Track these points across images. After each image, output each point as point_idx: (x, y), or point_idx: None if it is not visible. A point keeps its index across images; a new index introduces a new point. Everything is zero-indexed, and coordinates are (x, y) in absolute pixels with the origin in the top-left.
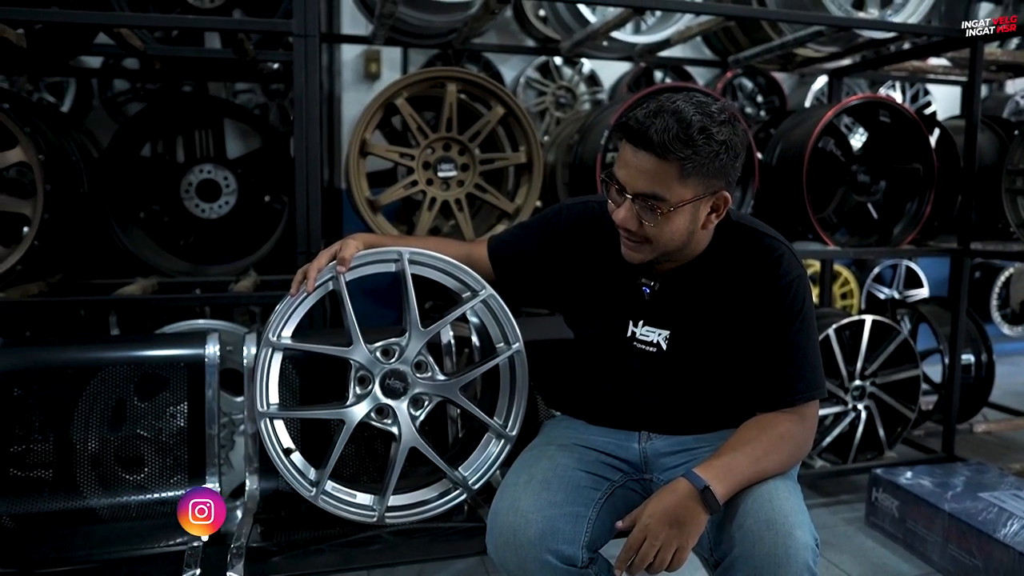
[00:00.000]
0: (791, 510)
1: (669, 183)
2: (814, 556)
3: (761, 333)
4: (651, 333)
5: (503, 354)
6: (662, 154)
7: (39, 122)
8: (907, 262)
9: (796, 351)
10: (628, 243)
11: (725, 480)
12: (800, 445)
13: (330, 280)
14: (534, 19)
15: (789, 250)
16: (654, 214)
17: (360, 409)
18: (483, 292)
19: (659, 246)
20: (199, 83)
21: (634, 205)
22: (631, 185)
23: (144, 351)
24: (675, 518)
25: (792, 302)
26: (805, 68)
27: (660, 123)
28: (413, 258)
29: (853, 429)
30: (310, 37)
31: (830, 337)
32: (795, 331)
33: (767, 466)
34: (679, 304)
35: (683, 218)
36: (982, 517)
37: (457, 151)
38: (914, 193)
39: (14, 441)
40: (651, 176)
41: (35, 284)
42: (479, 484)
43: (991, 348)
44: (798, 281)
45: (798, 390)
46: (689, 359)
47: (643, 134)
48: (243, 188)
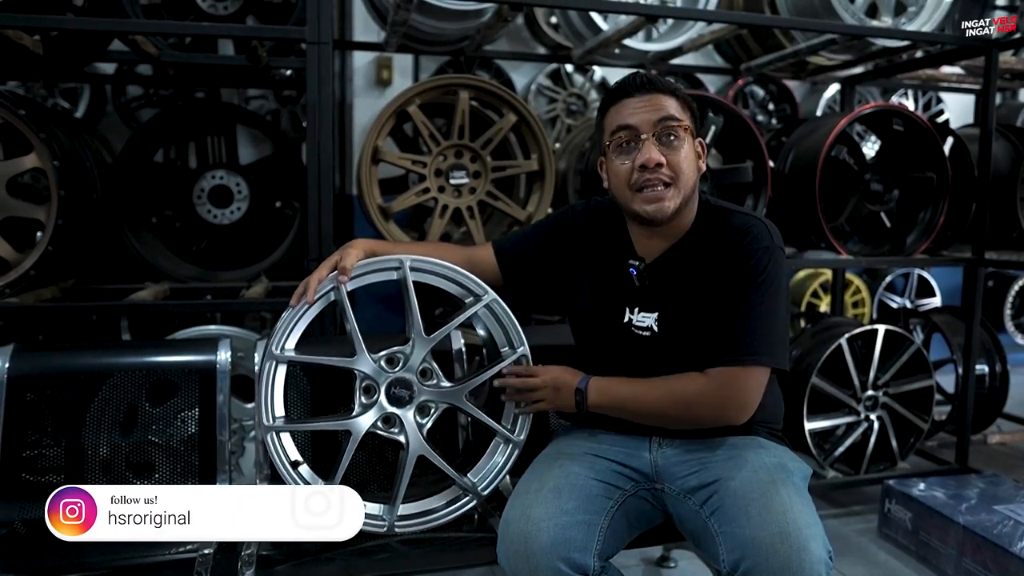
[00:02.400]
0: (805, 523)
1: (675, 109)
2: (828, 569)
3: (715, 299)
4: (645, 318)
5: (508, 358)
6: (661, 88)
7: (54, 128)
8: (919, 271)
9: (732, 314)
10: (656, 191)
11: (600, 395)
12: (698, 405)
13: (331, 291)
14: (545, 26)
15: (763, 224)
16: (674, 139)
17: (366, 419)
18: (486, 296)
19: (682, 182)
20: (212, 89)
21: (653, 140)
22: (646, 121)
23: (156, 357)
24: (557, 389)
25: (751, 267)
26: (817, 76)
27: (642, 74)
28: (414, 265)
29: (866, 440)
30: (323, 44)
31: (843, 347)
32: (741, 294)
33: (647, 403)
34: (666, 287)
35: (690, 147)
36: (997, 530)
37: (469, 158)
38: (928, 202)
39: (26, 446)
40: (660, 106)
41: (48, 289)
42: (488, 490)
43: (1005, 358)
44: (763, 251)
45: (713, 352)
46: (679, 340)
47: (637, 81)
48: (255, 194)
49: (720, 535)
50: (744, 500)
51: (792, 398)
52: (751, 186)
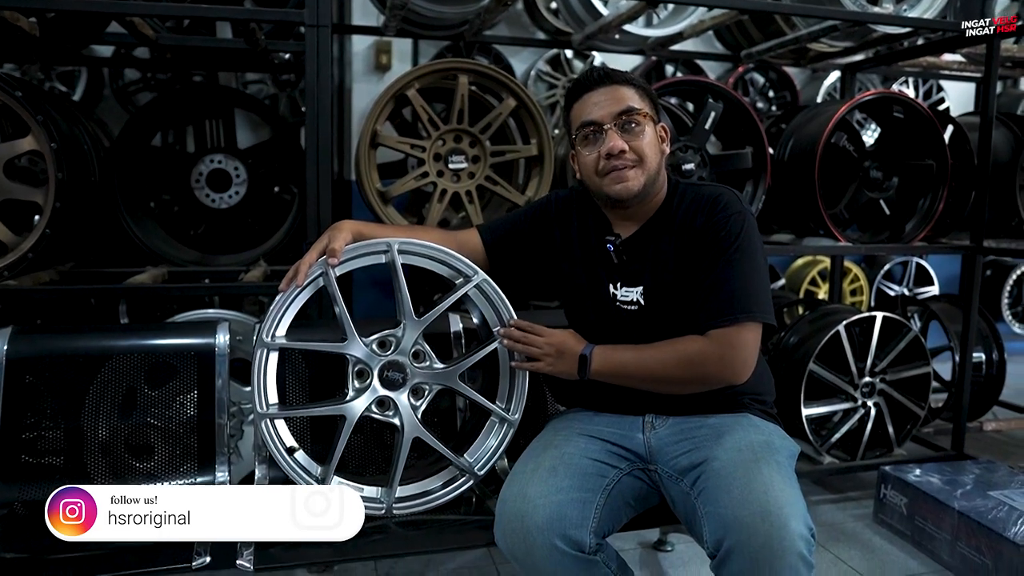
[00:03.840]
0: (786, 501)
1: (634, 99)
2: (808, 546)
3: (700, 266)
4: (629, 292)
5: (500, 338)
6: (619, 79)
7: (51, 111)
8: (917, 259)
9: (723, 277)
10: (621, 172)
11: (604, 361)
12: (702, 364)
13: (321, 276)
14: (545, 12)
15: (731, 192)
16: (634, 127)
17: (360, 403)
18: (476, 277)
19: (647, 163)
20: (210, 73)
21: (615, 130)
22: (609, 112)
23: (155, 339)
24: (561, 353)
25: (728, 233)
26: (818, 63)
27: (599, 68)
28: (403, 248)
29: (862, 426)
30: (322, 28)
31: (840, 333)
32: (726, 259)
33: (650, 366)
34: (645, 261)
35: (652, 132)
36: (992, 516)
37: (468, 143)
38: (927, 190)
39: (25, 428)
40: (619, 98)
41: (46, 272)
42: (484, 470)
43: (1002, 346)
44: (736, 216)
45: (714, 313)
46: (667, 312)
47: (595, 76)
48: (253, 178)
49: (705, 515)
50: (727, 479)
51: (790, 384)
52: (750, 172)
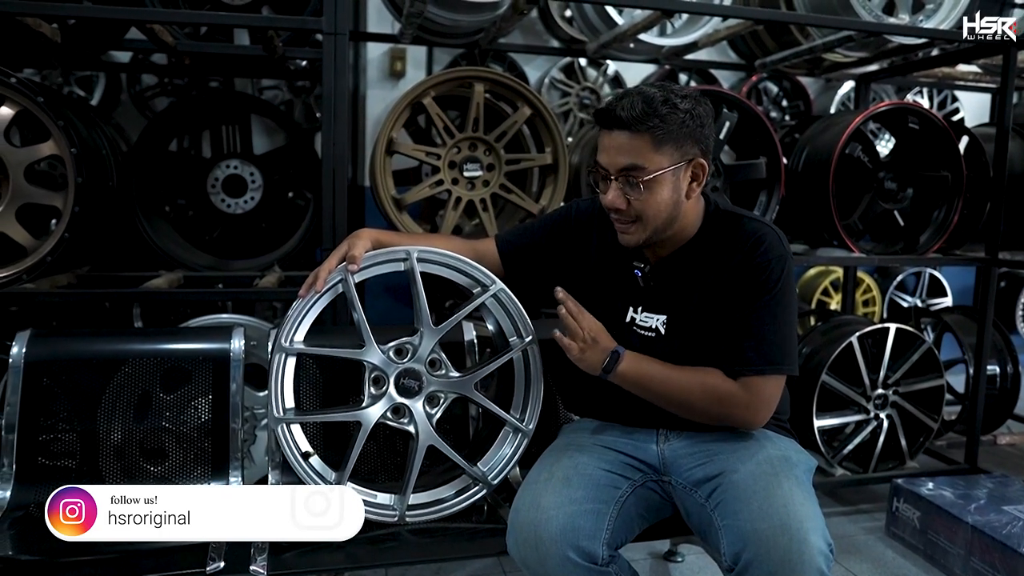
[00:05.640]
0: (806, 515)
1: (645, 153)
2: (827, 562)
3: (733, 304)
4: (650, 319)
5: (516, 348)
6: (633, 127)
7: (71, 116)
8: (931, 270)
9: (758, 323)
10: (620, 225)
11: (633, 367)
12: (730, 406)
13: (340, 283)
14: (560, 20)
15: (774, 232)
16: (637, 187)
17: (376, 410)
18: (493, 287)
19: (649, 221)
20: (226, 79)
21: (618, 183)
22: (612, 164)
23: (170, 344)
24: (595, 341)
25: (767, 278)
26: (832, 73)
27: (627, 102)
28: (421, 256)
29: (875, 438)
30: (340, 35)
31: (853, 345)
32: (763, 304)
33: (674, 388)
34: (673, 289)
35: (665, 188)
36: (1006, 531)
37: (483, 151)
38: (942, 201)
39: (41, 430)
40: (627, 150)
41: (64, 275)
42: (498, 479)
43: (1017, 359)
44: (777, 260)
45: (749, 361)
46: (687, 342)
47: (612, 114)
48: (268, 184)
49: (723, 528)
50: (746, 492)
51: (802, 395)
52: (764, 183)
